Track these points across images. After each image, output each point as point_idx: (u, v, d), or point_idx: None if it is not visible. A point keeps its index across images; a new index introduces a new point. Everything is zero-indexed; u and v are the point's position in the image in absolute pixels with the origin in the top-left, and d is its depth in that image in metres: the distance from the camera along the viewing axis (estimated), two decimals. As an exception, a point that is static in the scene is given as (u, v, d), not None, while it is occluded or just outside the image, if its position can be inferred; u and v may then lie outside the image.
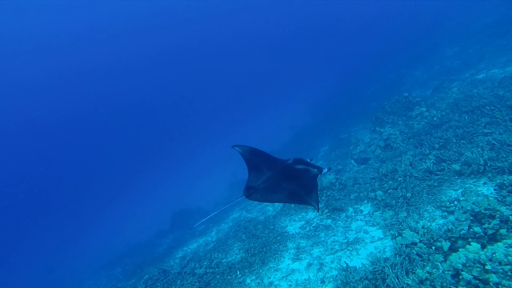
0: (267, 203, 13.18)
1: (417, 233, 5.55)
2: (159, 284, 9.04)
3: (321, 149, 20.58)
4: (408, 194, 7.16)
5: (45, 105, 51.82)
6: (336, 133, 21.37)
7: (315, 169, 4.17)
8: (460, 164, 7.30)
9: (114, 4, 45.83)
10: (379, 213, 7.38)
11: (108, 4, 45.26)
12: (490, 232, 4.66)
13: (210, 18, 56.73)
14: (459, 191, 6.71)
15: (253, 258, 7.79)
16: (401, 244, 5.46)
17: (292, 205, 10.84)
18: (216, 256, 9.55)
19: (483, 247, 4.42)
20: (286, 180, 4.12)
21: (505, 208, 5.30)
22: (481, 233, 4.73)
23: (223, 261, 8.89)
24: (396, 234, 5.81)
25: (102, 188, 48.98)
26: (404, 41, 35.71)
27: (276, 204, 12.53)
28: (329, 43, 63.62)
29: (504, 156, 6.68)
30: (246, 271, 7.32)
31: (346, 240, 7.04)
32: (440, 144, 8.97)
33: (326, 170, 4.24)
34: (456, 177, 7.21)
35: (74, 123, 53.68)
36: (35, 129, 51.37)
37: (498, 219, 4.90)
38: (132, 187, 46.53)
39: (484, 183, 6.58)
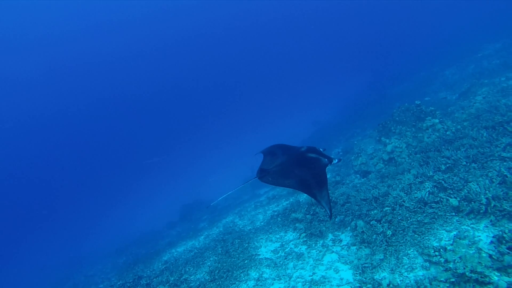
0: (256, 214, 12.37)
1: (380, 291, 4.47)
2: (125, 295, 8.63)
3: (333, 151, 19.25)
4: (389, 232, 5.98)
5: (57, 102, 53.03)
6: (352, 135, 19.95)
7: (326, 159, 4.28)
8: (459, 199, 5.97)
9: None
10: (355, 249, 6.29)
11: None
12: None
13: (238, 13, 55.04)
14: (452, 233, 5.45)
15: (211, 285, 7.04)
16: (358, 304, 4.42)
17: (279, 218, 9.99)
18: (187, 270, 8.97)
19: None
20: (298, 167, 4.21)
21: (498, 274, 4.07)
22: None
23: (190, 278, 8.26)
24: (356, 289, 4.75)
25: (125, 178, 50.93)
26: (443, 36, 32.66)
27: (268, 212, 11.72)
28: (364, 38, 60.34)
29: (515, 195, 5.30)
30: (197, 301, 6.61)
31: (311, 278, 6.06)
32: (447, 165, 7.57)
33: (336, 161, 4.35)
34: (453, 213, 5.91)
35: (93, 118, 55.42)
36: (53, 127, 53.53)
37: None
38: (152, 178, 47.83)
39: (486, 227, 5.27)
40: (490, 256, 4.38)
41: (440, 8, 43.18)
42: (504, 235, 4.46)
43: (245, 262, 7.54)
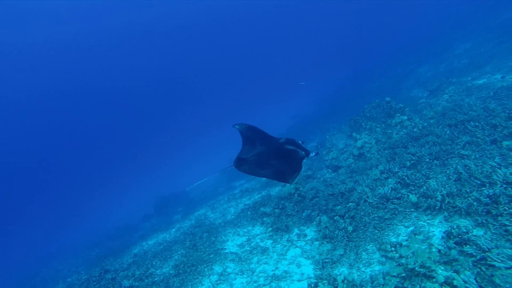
0: (229, 207, 12.34)
1: (335, 287, 4.54)
2: (88, 290, 8.41)
3: (309, 145, 19.39)
4: (350, 228, 6.08)
5: (29, 92, 50.17)
6: (328, 129, 20.18)
7: (303, 152, 4.31)
8: (418, 195, 6.14)
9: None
10: (318, 244, 6.37)
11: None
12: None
13: (219, 5, 53.12)
14: (409, 229, 5.60)
15: (174, 280, 6.97)
16: (313, 299, 4.47)
17: (249, 212, 10.00)
18: (154, 263, 8.85)
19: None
20: (275, 158, 4.27)
21: (443, 268, 4.21)
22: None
23: (156, 272, 8.15)
24: (313, 285, 4.82)
25: (102, 170, 49.54)
26: (420, 34, 33.42)
27: (240, 206, 11.71)
28: (343, 35, 60.78)
29: (468, 191, 5.48)
30: (159, 297, 6.53)
31: (273, 273, 6.10)
32: (412, 162, 7.76)
33: (313, 154, 4.35)
34: (412, 209, 6.07)
35: (67, 111, 53.01)
36: (26, 119, 50.85)
37: (426, 288, 3.83)
38: (130, 169, 46.86)
39: (440, 223, 5.45)
40: (439, 251, 4.53)
41: (418, 7, 44.07)
42: (453, 231, 4.62)
43: (211, 256, 7.50)
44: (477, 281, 3.61)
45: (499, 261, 3.70)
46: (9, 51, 40.78)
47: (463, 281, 3.66)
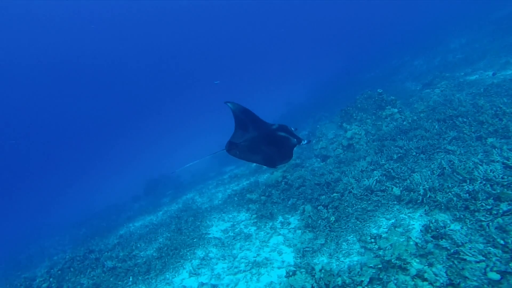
0: (216, 192, 12.37)
1: (313, 276, 4.60)
2: (72, 269, 8.42)
3: (301, 134, 19.39)
4: (332, 218, 6.14)
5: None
6: (320, 118, 20.17)
7: (295, 139, 4.27)
8: (401, 188, 6.20)
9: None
10: (300, 233, 6.44)
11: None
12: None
13: None
14: (391, 221, 5.68)
15: (156, 262, 7.01)
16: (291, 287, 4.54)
17: (236, 198, 10.04)
18: (139, 245, 8.89)
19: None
20: (267, 144, 4.27)
21: (417, 261, 4.30)
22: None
23: (140, 254, 8.19)
24: (291, 273, 4.88)
25: (93, 149, 49.11)
26: (416, 27, 33.24)
27: (228, 191, 11.75)
28: (338, 25, 59.88)
29: (449, 186, 5.55)
30: (140, 278, 6.56)
31: (255, 259, 6.17)
32: (399, 155, 7.80)
33: (305, 142, 4.31)
34: (395, 202, 6.14)
35: (57, 92, 51.55)
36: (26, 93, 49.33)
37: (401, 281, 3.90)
38: (122, 150, 46.58)
39: (420, 216, 5.53)
40: (416, 244, 4.61)
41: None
42: (431, 225, 4.69)
43: (194, 240, 7.55)
44: (447, 274, 3.69)
45: (471, 255, 3.78)
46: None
47: (434, 274, 3.74)
